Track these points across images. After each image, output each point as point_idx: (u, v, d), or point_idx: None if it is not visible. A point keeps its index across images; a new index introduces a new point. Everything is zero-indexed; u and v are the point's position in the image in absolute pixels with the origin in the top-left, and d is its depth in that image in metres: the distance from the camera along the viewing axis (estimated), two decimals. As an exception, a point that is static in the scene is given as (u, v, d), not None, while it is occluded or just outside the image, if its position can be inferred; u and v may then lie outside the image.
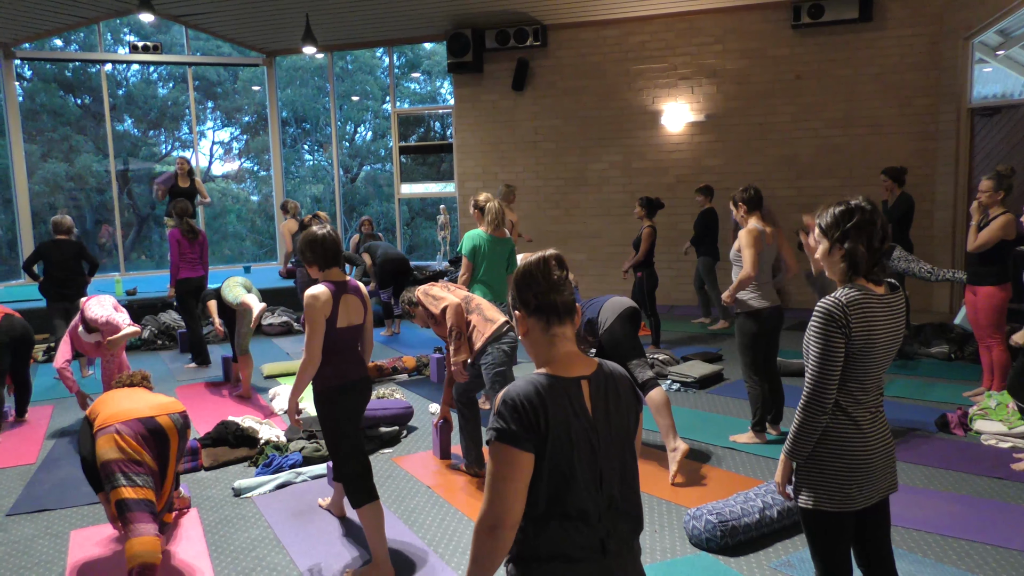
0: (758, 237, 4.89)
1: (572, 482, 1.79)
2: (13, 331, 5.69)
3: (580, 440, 1.80)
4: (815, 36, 9.64)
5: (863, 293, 2.34)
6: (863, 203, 2.38)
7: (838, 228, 2.38)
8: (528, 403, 1.76)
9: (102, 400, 3.67)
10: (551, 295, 1.86)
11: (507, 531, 1.75)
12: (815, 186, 9.80)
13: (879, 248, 2.36)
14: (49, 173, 17.25)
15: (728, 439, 5.16)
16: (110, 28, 17.10)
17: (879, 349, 2.36)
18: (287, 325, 9.64)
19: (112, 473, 3.30)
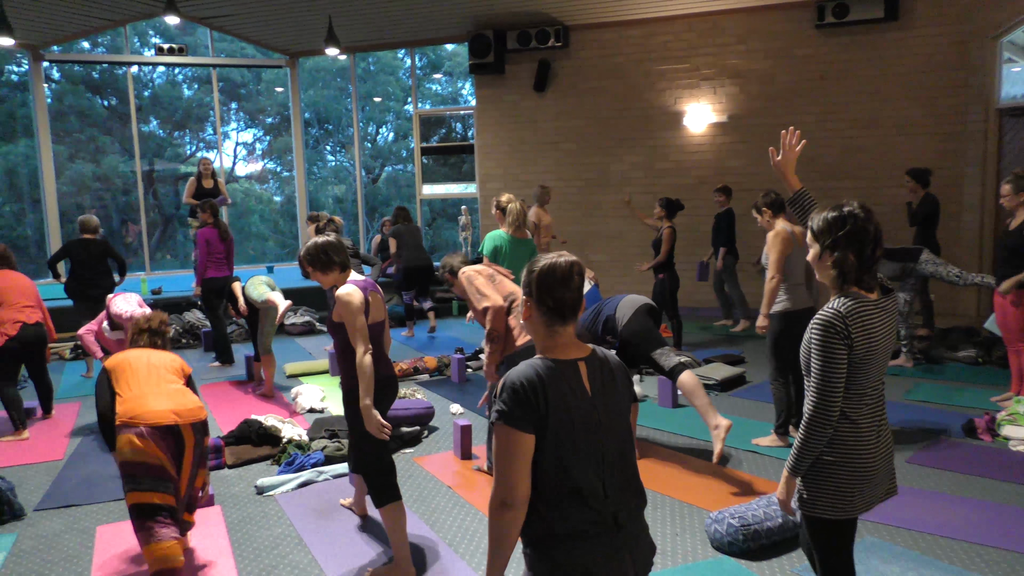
0: (786, 239, 4.84)
1: (577, 458, 1.89)
2: (25, 338, 5.75)
3: (581, 418, 1.91)
4: (839, 36, 9.55)
5: (859, 302, 2.33)
6: (857, 210, 2.36)
7: (829, 235, 2.37)
8: (528, 384, 1.87)
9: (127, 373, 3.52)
10: (566, 299, 1.96)
11: (516, 507, 1.86)
12: (839, 187, 9.71)
13: (871, 256, 2.35)
14: (76, 173, 17.48)
15: (750, 442, 5.12)
16: (136, 30, 17.29)
17: (878, 354, 2.36)
18: (309, 324, 9.71)
19: (131, 476, 3.28)
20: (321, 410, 6.21)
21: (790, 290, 4.87)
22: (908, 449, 4.93)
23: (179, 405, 3.42)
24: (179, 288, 10.67)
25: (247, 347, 8.32)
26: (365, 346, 3.34)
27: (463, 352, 7.65)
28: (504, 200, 5.83)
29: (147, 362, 3.59)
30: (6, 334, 5.63)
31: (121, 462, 3.30)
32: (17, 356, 5.73)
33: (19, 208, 17.51)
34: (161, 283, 11.17)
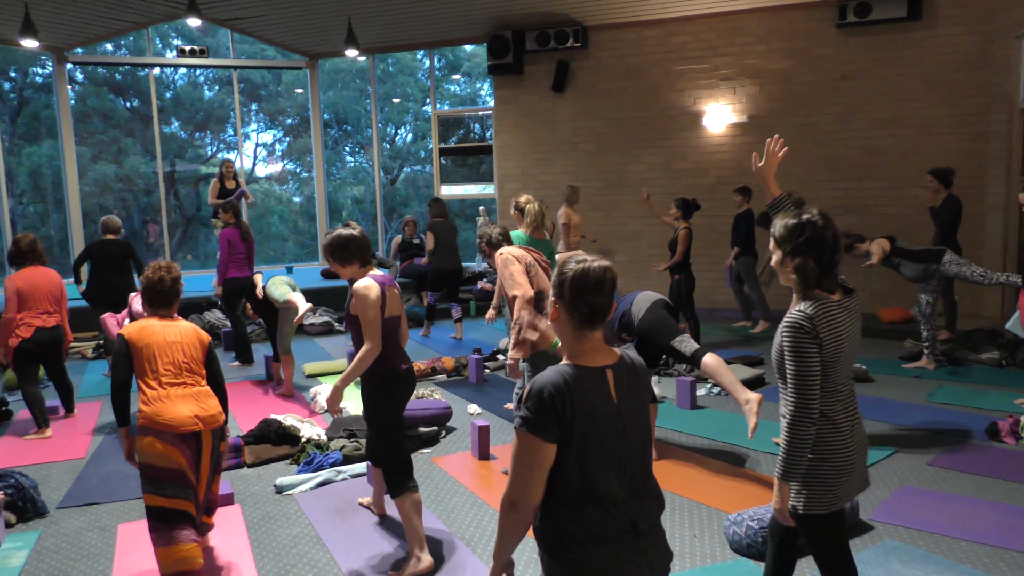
0: None
1: (600, 467, 1.88)
2: (41, 339, 5.81)
3: (606, 427, 1.89)
4: (861, 35, 9.47)
5: (824, 303, 2.42)
6: (815, 218, 2.45)
7: (790, 242, 2.47)
8: (556, 393, 1.84)
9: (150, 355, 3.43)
10: (598, 305, 1.94)
11: (525, 509, 1.89)
12: (860, 188, 9.63)
13: (831, 260, 2.44)
14: (99, 174, 17.69)
15: (771, 443, 5.09)
16: (159, 33, 17.47)
17: (846, 352, 2.45)
18: (328, 325, 9.75)
19: (153, 480, 3.28)
20: (340, 410, 6.22)
21: None
22: (930, 452, 4.88)
23: (202, 410, 3.40)
24: (200, 288, 10.75)
25: (267, 347, 8.38)
26: (373, 343, 3.39)
27: (481, 352, 7.66)
28: (522, 201, 5.83)
29: (167, 342, 3.48)
30: (20, 336, 5.70)
31: (143, 463, 3.30)
32: (33, 356, 5.79)
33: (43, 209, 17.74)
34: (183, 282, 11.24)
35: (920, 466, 4.67)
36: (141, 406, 3.36)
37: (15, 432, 5.89)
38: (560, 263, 2.01)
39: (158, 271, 3.60)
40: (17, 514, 4.22)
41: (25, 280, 5.79)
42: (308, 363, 7.69)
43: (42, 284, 5.83)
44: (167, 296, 3.61)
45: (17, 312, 5.71)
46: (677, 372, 6.90)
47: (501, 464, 4.89)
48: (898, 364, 7.15)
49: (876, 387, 6.47)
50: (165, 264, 3.64)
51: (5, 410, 6.30)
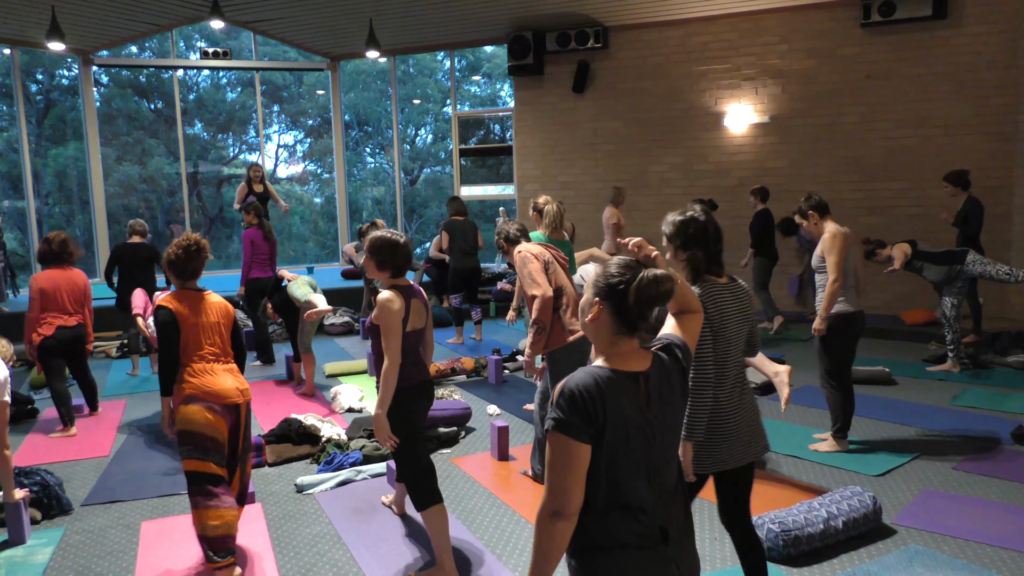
0: (843, 240, 4.76)
1: (629, 473, 1.84)
2: (63, 336, 5.87)
3: (637, 433, 1.84)
4: (886, 35, 9.38)
5: (712, 285, 2.77)
6: (698, 214, 2.79)
7: (679, 237, 2.81)
8: (587, 394, 1.79)
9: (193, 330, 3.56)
10: (646, 314, 1.89)
11: (568, 518, 1.80)
12: (884, 188, 9.53)
13: (714, 249, 2.80)
14: (123, 175, 17.90)
15: (793, 446, 5.05)
16: (182, 35, 17.64)
17: (732, 330, 2.78)
18: (348, 325, 9.80)
19: (199, 447, 3.42)
20: (359, 410, 6.26)
21: (845, 292, 4.80)
22: (955, 456, 4.82)
23: (240, 383, 3.63)
24: (222, 288, 10.83)
25: (288, 347, 8.43)
26: (393, 357, 3.33)
27: (500, 353, 7.66)
28: (541, 202, 5.82)
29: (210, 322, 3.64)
30: (43, 334, 5.77)
31: (189, 431, 3.42)
32: (57, 352, 5.86)
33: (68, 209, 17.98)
34: (204, 283, 11.34)
35: (944, 470, 4.61)
36: (187, 378, 3.50)
37: (41, 430, 5.97)
38: (606, 265, 1.97)
39: (185, 240, 3.71)
40: (42, 511, 4.28)
41: (48, 280, 5.86)
42: (329, 363, 7.73)
43: (64, 285, 5.90)
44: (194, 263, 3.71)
45: (40, 311, 5.80)
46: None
47: (520, 465, 4.89)
48: (922, 367, 7.07)
49: (900, 390, 6.40)
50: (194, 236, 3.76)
51: (31, 408, 6.39)
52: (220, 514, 3.38)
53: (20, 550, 3.89)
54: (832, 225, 4.86)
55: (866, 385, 6.51)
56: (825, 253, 4.79)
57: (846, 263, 4.78)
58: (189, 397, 3.46)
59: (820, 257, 4.84)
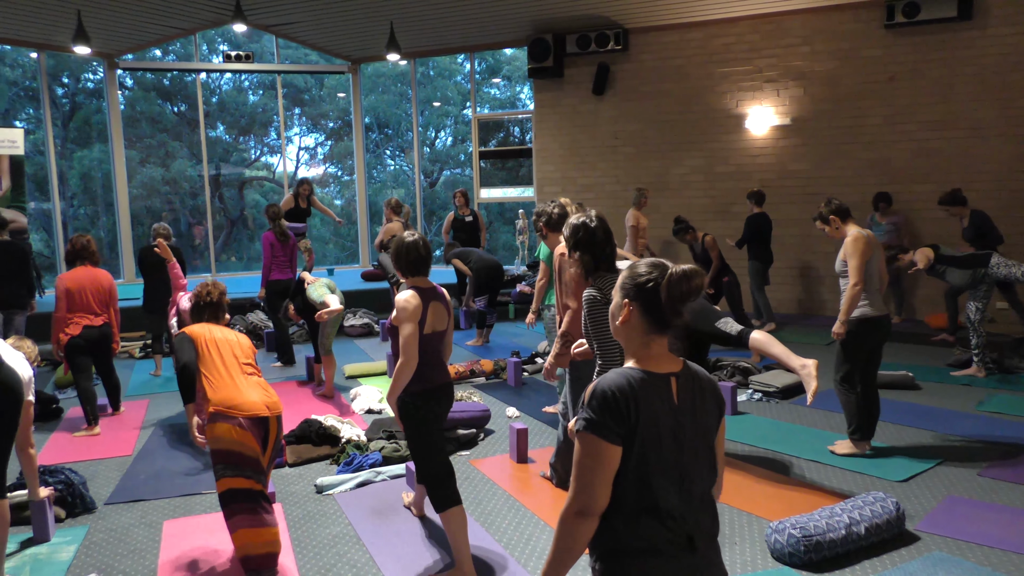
0: (866, 244, 4.72)
1: (660, 477, 1.82)
2: (91, 336, 5.94)
3: (667, 435, 1.83)
4: (910, 36, 9.28)
5: (605, 278, 3.26)
6: (587, 220, 3.29)
7: (571, 240, 3.30)
8: (620, 395, 1.79)
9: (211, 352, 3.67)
10: (679, 310, 1.88)
11: (592, 519, 1.80)
12: (909, 191, 9.43)
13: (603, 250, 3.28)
14: (147, 177, 18.07)
15: (815, 450, 5.01)
16: (205, 39, 17.80)
17: None
18: (368, 327, 9.84)
19: (230, 462, 3.43)
20: (379, 411, 6.28)
21: (869, 295, 4.76)
22: (979, 462, 4.76)
23: (267, 397, 3.63)
24: (243, 289, 10.92)
25: (308, 348, 8.48)
26: (406, 356, 3.35)
27: (519, 356, 7.66)
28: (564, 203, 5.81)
29: (224, 338, 3.75)
30: (70, 333, 5.85)
31: (219, 450, 3.44)
32: (84, 350, 5.93)
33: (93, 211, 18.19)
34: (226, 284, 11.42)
35: (969, 476, 4.55)
36: (209, 394, 3.52)
37: (65, 429, 6.04)
38: (632, 266, 1.97)
39: (205, 286, 3.91)
40: (67, 509, 4.33)
41: (73, 280, 5.94)
42: (349, 364, 7.76)
43: (89, 285, 5.97)
44: (214, 308, 3.94)
45: (66, 311, 5.88)
46: (717, 377, 6.82)
47: (539, 467, 4.88)
48: (947, 372, 6.99)
49: (924, 395, 6.32)
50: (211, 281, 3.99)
51: (55, 408, 6.46)
52: (260, 533, 3.37)
53: (44, 548, 3.94)
54: (854, 228, 4.83)
55: (889, 390, 6.44)
56: (847, 257, 4.76)
57: (869, 266, 4.75)
58: (215, 415, 3.47)
59: (843, 261, 4.81)
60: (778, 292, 10.11)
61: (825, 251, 9.75)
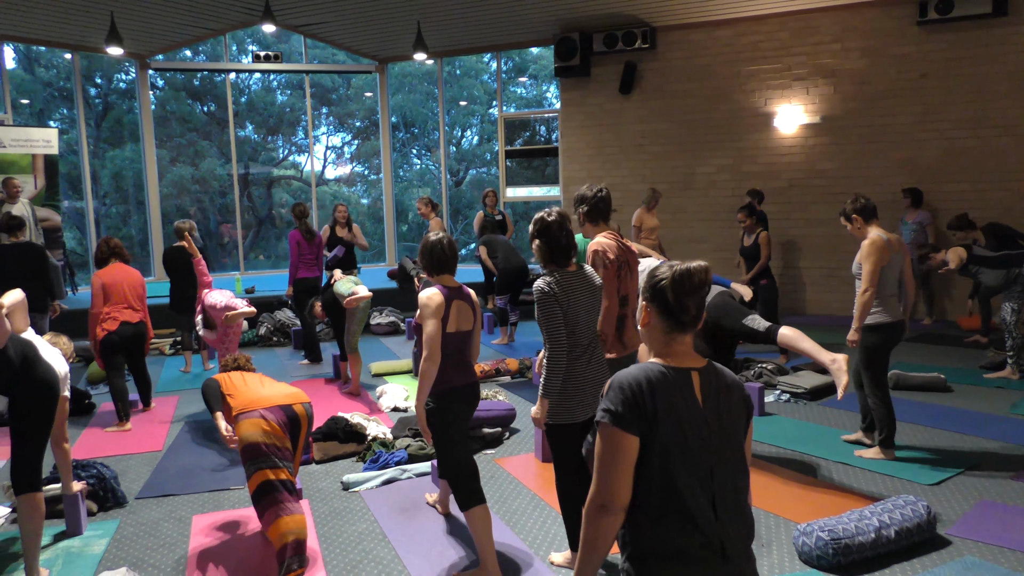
0: (883, 248, 4.64)
1: (685, 474, 1.79)
2: (125, 332, 6.04)
3: (690, 430, 1.82)
4: (943, 33, 9.14)
5: (560, 273, 3.38)
6: (547, 216, 3.43)
7: (535, 230, 3.46)
8: (637, 387, 1.81)
9: (232, 380, 4.01)
10: (686, 305, 1.89)
11: (616, 511, 1.80)
12: (940, 191, 9.29)
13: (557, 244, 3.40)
14: (177, 176, 18.30)
15: (843, 452, 4.95)
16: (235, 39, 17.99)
17: (580, 306, 3.38)
18: (394, 325, 9.88)
19: (258, 455, 3.57)
20: (405, 409, 6.31)
21: (884, 301, 4.68)
22: (1013, 466, 4.67)
23: (289, 391, 3.86)
24: (271, 287, 11.03)
25: (335, 346, 8.54)
26: (429, 353, 3.36)
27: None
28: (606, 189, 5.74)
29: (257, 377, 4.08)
30: (106, 329, 5.94)
31: (246, 446, 3.59)
32: (118, 348, 6.02)
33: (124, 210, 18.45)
34: (254, 282, 11.57)
35: (1002, 480, 4.47)
36: (232, 404, 3.81)
37: (97, 424, 6.14)
38: (653, 268, 1.99)
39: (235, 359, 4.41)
40: (98, 503, 4.40)
41: (109, 276, 6.06)
42: (375, 362, 7.80)
43: (124, 280, 6.10)
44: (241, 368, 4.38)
45: (102, 306, 5.98)
46: (744, 378, 6.77)
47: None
48: (979, 374, 6.87)
49: (956, 398, 6.23)
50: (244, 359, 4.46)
51: (88, 403, 6.57)
52: (288, 521, 3.46)
53: (77, 541, 4.01)
54: (875, 231, 4.74)
55: (921, 392, 6.35)
56: (862, 260, 4.69)
57: (885, 272, 4.65)
58: (237, 417, 3.70)
59: (859, 264, 4.74)
60: (806, 293, 10.02)
61: (854, 251, 9.61)
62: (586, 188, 4.08)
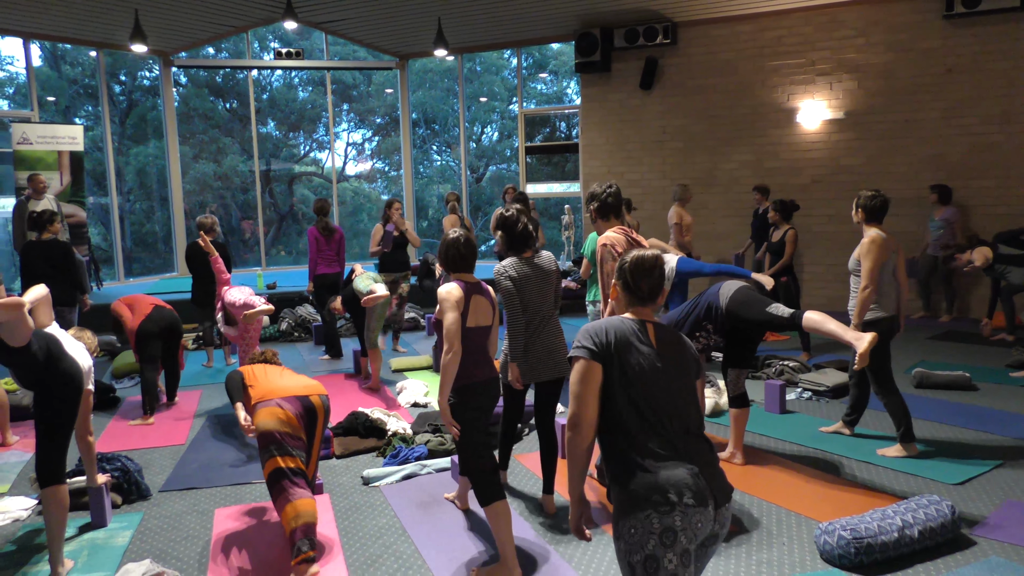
0: (883, 247, 4.66)
1: (647, 398, 2.24)
2: (162, 321, 6.12)
3: (644, 359, 2.28)
4: (970, 27, 9.01)
5: (515, 260, 4.02)
6: (506, 212, 4.04)
7: (495, 224, 4.04)
8: (597, 327, 2.33)
9: (255, 371, 4.10)
10: (652, 286, 2.42)
11: (585, 427, 2.25)
12: (967, 187, 9.17)
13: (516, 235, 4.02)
14: (199, 173, 18.45)
15: (866, 451, 4.90)
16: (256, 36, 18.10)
17: (532, 289, 4.01)
18: (414, 320, 9.91)
19: (271, 443, 3.64)
20: (424, 405, 6.33)
21: (881, 297, 4.72)
22: (1040, 467, 4.61)
23: (307, 382, 3.97)
24: (292, 283, 11.10)
25: (355, 341, 8.58)
26: (450, 345, 3.38)
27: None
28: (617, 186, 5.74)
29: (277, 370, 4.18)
30: (143, 314, 6.03)
31: (262, 433, 3.66)
32: (155, 336, 6.09)
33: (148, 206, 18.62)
34: (276, 278, 11.65)
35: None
36: (251, 394, 3.90)
37: (121, 418, 6.21)
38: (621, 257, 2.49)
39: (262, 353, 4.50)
40: (123, 496, 4.45)
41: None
42: (395, 358, 7.83)
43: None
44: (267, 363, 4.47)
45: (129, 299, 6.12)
46: (765, 375, 6.72)
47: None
48: (1005, 372, 6.78)
49: (981, 396, 6.15)
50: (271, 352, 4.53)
51: (112, 397, 6.65)
52: (297, 505, 3.51)
53: (102, 533, 4.06)
54: (874, 231, 4.76)
55: (946, 391, 6.28)
56: (861, 258, 4.71)
57: (884, 269, 4.73)
58: (255, 406, 3.79)
59: (856, 260, 4.75)
60: (830, 290, 9.93)
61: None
62: (596, 186, 4.42)
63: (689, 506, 2.13)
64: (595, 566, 3.54)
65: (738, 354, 4.73)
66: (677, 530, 2.12)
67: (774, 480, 4.51)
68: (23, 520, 4.28)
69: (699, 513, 2.15)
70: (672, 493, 2.13)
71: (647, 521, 2.13)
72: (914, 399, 5.93)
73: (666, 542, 2.11)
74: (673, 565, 2.12)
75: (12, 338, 3.35)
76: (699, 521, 2.15)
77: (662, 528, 2.12)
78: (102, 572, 3.62)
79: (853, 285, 4.82)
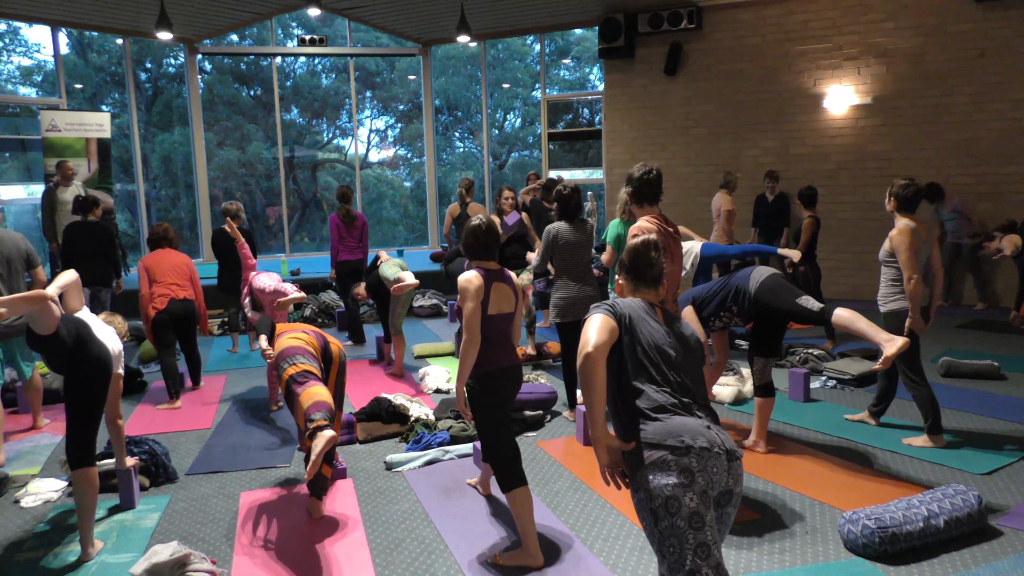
0: (913, 236, 4.57)
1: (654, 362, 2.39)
2: (176, 312, 6.17)
3: (656, 334, 2.44)
4: (1003, 9, 8.83)
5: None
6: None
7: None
8: (614, 301, 2.52)
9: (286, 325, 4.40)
10: (646, 271, 2.60)
11: (591, 355, 2.31)
12: (997, 173, 9.01)
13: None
14: (224, 160, 18.58)
15: (891, 440, 4.86)
16: (280, 23, 18.14)
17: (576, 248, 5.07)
18: (437, 307, 9.94)
19: (288, 356, 3.91)
20: (447, 391, 6.35)
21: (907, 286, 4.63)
22: (1070, 458, 4.54)
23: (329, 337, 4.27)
24: (316, 269, 11.17)
25: (378, 328, 8.62)
26: (469, 335, 3.38)
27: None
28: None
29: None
30: (156, 307, 6.10)
31: (281, 350, 3.98)
32: (169, 326, 6.17)
33: (174, 193, 18.80)
34: (299, 264, 11.73)
35: (1058, 472, 4.35)
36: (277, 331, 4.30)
37: (149, 402, 6.30)
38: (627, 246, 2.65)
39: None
40: (150, 479, 4.52)
41: (152, 257, 6.33)
42: (417, 344, 7.86)
43: (167, 259, 6.32)
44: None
45: (149, 287, 6.14)
46: (789, 363, 6.68)
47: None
48: (1035, 362, 6.68)
49: (1010, 385, 6.06)
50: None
51: (140, 381, 6.74)
52: (310, 392, 3.65)
53: (130, 514, 4.12)
54: (904, 221, 4.66)
55: (973, 380, 6.20)
56: (895, 250, 4.61)
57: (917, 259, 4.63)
58: (280, 334, 4.18)
59: (887, 252, 4.66)
60: (856, 278, 9.82)
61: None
62: (636, 167, 4.08)
63: (704, 448, 2.22)
64: (616, 553, 3.54)
65: (765, 343, 4.68)
66: (694, 471, 2.20)
67: (798, 468, 4.48)
68: (54, 501, 4.36)
69: (714, 458, 2.24)
70: (686, 437, 2.24)
71: (664, 465, 2.22)
72: (941, 388, 5.86)
73: (684, 482, 2.19)
74: (695, 503, 2.18)
75: (40, 327, 3.41)
76: (714, 467, 2.23)
77: (679, 468, 2.21)
78: (130, 553, 3.68)
79: (884, 276, 4.75)
